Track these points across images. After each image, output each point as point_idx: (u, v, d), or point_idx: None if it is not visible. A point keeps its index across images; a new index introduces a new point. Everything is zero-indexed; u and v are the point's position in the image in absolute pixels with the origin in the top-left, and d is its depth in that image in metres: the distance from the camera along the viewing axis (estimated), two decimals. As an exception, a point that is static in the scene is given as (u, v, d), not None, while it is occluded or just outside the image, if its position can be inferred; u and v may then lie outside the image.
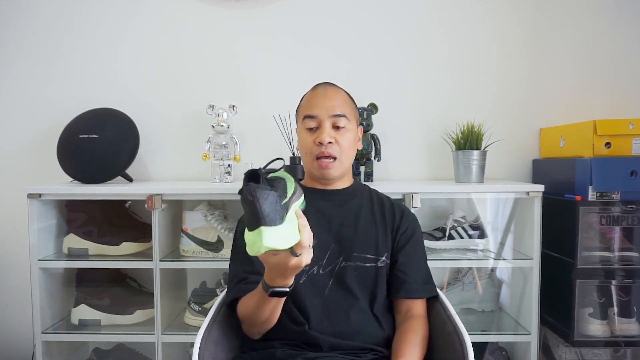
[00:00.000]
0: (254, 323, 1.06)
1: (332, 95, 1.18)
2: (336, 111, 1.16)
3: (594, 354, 1.57)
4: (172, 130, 1.87)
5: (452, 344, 1.04)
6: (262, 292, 0.97)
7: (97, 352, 1.79)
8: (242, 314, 1.08)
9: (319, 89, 1.21)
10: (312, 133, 1.17)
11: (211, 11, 1.84)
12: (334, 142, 1.14)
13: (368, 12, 1.84)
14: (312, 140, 1.16)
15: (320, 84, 1.23)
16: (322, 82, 1.24)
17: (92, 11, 1.85)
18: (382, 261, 1.15)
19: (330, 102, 1.17)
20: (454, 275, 1.80)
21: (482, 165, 1.65)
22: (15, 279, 1.87)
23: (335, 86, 1.23)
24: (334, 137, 1.15)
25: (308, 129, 1.17)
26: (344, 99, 1.20)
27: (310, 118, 1.16)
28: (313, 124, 1.16)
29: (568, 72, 1.84)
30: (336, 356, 1.05)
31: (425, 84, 1.85)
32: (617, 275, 1.51)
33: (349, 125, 1.17)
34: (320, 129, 1.15)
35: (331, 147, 1.15)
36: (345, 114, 1.16)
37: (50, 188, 1.58)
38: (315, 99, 1.18)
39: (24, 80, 1.87)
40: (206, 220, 1.65)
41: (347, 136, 1.17)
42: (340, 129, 1.16)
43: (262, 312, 1.01)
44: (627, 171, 1.46)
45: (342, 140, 1.15)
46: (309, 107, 1.18)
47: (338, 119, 1.15)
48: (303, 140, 1.19)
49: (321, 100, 1.17)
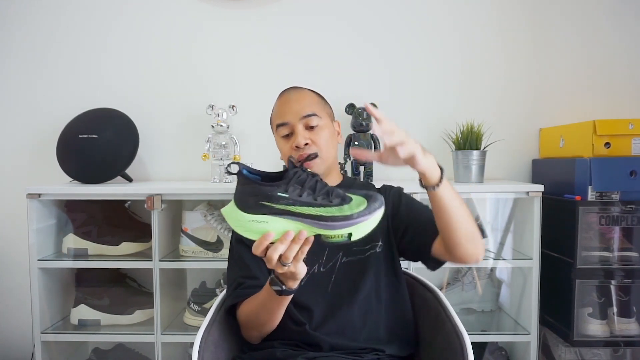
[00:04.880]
0: (256, 325, 1.06)
1: (298, 97, 1.19)
2: (305, 112, 1.16)
3: (593, 353, 1.57)
4: (172, 130, 1.87)
5: (452, 344, 1.04)
6: (267, 291, 0.97)
7: (97, 352, 1.79)
8: (243, 317, 1.08)
9: (284, 96, 1.22)
10: (287, 140, 1.17)
11: (211, 11, 1.84)
12: (310, 142, 1.15)
13: (368, 12, 1.84)
14: (290, 147, 1.16)
15: (284, 91, 1.24)
16: (285, 88, 1.25)
17: (92, 12, 1.85)
18: (379, 246, 1.15)
19: (298, 104, 1.17)
20: (454, 275, 1.80)
21: (481, 165, 1.65)
22: (15, 279, 1.87)
23: (299, 88, 1.23)
24: (309, 138, 1.15)
25: (283, 137, 1.18)
26: (311, 98, 1.21)
27: (282, 125, 1.17)
28: (286, 130, 1.17)
29: (568, 72, 1.84)
30: (336, 356, 1.05)
31: (425, 84, 1.85)
32: (617, 275, 1.52)
33: (321, 122, 1.17)
34: (294, 134, 1.16)
35: (309, 148, 1.15)
36: (314, 112, 1.17)
37: (50, 188, 1.58)
38: (283, 106, 1.19)
39: (24, 80, 1.87)
40: (206, 220, 1.65)
41: (323, 134, 1.17)
42: (314, 128, 1.16)
43: (265, 311, 1.01)
44: (626, 171, 1.47)
45: (318, 139, 1.16)
46: (278, 115, 1.19)
47: (309, 119, 1.16)
48: (282, 149, 1.20)
49: (288, 106, 1.18)
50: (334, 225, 0.82)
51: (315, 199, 0.83)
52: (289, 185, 0.84)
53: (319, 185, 0.85)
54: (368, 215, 0.82)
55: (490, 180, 1.79)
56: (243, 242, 1.14)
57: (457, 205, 0.99)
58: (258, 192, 0.84)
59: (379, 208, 0.83)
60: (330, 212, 0.82)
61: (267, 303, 1.00)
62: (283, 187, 0.84)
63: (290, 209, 0.83)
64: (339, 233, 0.83)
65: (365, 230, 0.83)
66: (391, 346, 1.11)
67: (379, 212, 0.83)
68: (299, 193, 0.83)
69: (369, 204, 0.83)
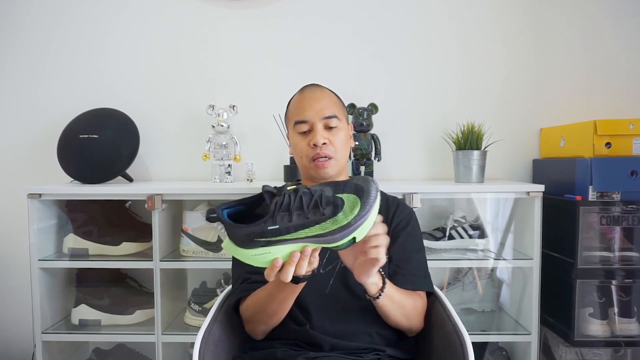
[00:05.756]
0: (264, 317, 1.06)
1: (320, 97, 1.19)
2: (327, 113, 1.16)
3: (594, 354, 1.57)
4: (172, 130, 1.87)
5: (452, 344, 1.04)
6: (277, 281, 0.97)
7: (97, 352, 1.79)
8: (249, 311, 1.09)
9: (306, 92, 1.21)
10: (305, 136, 1.18)
11: (212, 11, 1.84)
12: (328, 143, 1.15)
13: (369, 12, 1.84)
14: (307, 144, 1.16)
15: (306, 87, 1.23)
16: (307, 84, 1.25)
17: (92, 11, 1.85)
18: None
19: (319, 104, 1.17)
20: (454, 276, 1.80)
21: (482, 165, 1.65)
22: (15, 279, 1.87)
23: (321, 87, 1.23)
24: (328, 138, 1.16)
25: (301, 133, 1.18)
26: (332, 99, 1.21)
27: (302, 123, 1.17)
28: (305, 127, 1.17)
29: (568, 72, 1.84)
30: (337, 356, 1.05)
31: (426, 84, 1.85)
32: (618, 275, 1.51)
33: (340, 125, 1.18)
34: (313, 132, 1.16)
35: (326, 148, 1.15)
36: (335, 114, 1.18)
37: (51, 188, 1.58)
38: (304, 103, 1.19)
39: (24, 80, 1.87)
40: (206, 220, 1.65)
41: (340, 135, 1.18)
42: (333, 129, 1.17)
43: (276, 301, 1.02)
44: (627, 171, 1.46)
45: (336, 140, 1.17)
46: (298, 111, 1.19)
47: (329, 120, 1.16)
48: (297, 145, 1.19)
49: (310, 104, 1.18)
50: (334, 238, 0.80)
51: (307, 216, 0.80)
52: (275, 216, 0.81)
53: (305, 199, 0.82)
54: (365, 215, 0.80)
55: (491, 180, 1.78)
56: None
57: (393, 309, 1.06)
58: (248, 232, 0.81)
59: (375, 201, 0.81)
60: (326, 227, 0.80)
61: (278, 293, 1.01)
62: (270, 220, 0.81)
63: (286, 237, 0.81)
64: (341, 243, 0.82)
65: (368, 227, 0.82)
66: (392, 347, 1.11)
67: (375, 205, 0.81)
68: (289, 219, 0.81)
69: (363, 202, 0.80)
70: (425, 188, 1.55)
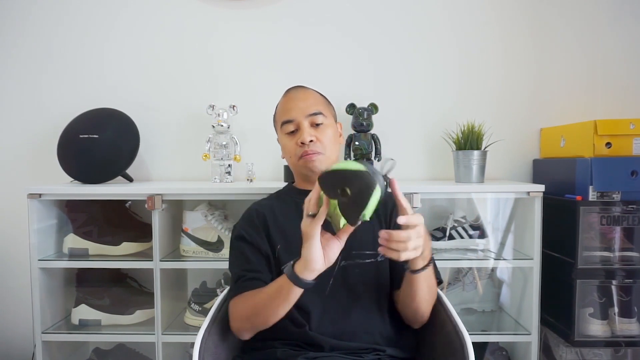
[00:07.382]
0: (256, 319, 1.05)
1: (304, 96, 1.22)
2: (311, 110, 1.19)
3: (594, 354, 1.57)
4: (172, 130, 1.87)
5: (452, 344, 1.04)
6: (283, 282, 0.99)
7: (97, 352, 1.79)
8: (243, 309, 1.08)
9: (291, 93, 1.24)
10: (292, 136, 1.19)
11: (212, 11, 1.84)
12: (315, 140, 1.17)
13: (369, 13, 1.84)
14: (295, 143, 1.18)
15: (290, 89, 1.26)
16: (291, 86, 1.27)
17: (92, 11, 1.85)
18: (381, 256, 1.15)
19: (304, 102, 1.20)
20: (454, 275, 1.80)
21: (482, 165, 1.65)
22: (15, 279, 1.87)
23: (305, 87, 1.26)
24: (315, 135, 1.17)
25: (288, 134, 1.20)
26: (317, 98, 1.24)
27: (288, 122, 1.19)
28: (292, 127, 1.19)
29: (568, 72, 1.83)
30: (337, 356, 1.05)
31: (426, 84, 1.85)
32: (618, 275, 1.51)
33: (326, 122, 1.20)
34: (300, 131, 1.18)
35: (313, 145, 1.17)
36: (320, 111, 1.19)
37: (51, 188, 1.58)
38: (289, 103, 1.21)
39: (24, 80, 1.87)
40: (206, 220, 1.65)
41: (327, 132, 1.19)
42: (320, 126, 1.19)
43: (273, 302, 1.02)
44: (627, 171, 1.46)
45: (324, 138, 1.18)
46: (284, 112, 1.21)
47: (315, 117, 1.18)
48: (286, 145, 1.21)
49: (295, 103, 1.20)
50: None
51: None
52: None
53: None
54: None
55: (491, 180, 1.78)
56: (244, 239, 1.16)
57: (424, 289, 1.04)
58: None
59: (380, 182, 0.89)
60: None
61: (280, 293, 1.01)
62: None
63: None
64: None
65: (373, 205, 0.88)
66: (392, 347, 1.11)
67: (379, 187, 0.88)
68: None
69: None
70: (425, 188, 1.55)
